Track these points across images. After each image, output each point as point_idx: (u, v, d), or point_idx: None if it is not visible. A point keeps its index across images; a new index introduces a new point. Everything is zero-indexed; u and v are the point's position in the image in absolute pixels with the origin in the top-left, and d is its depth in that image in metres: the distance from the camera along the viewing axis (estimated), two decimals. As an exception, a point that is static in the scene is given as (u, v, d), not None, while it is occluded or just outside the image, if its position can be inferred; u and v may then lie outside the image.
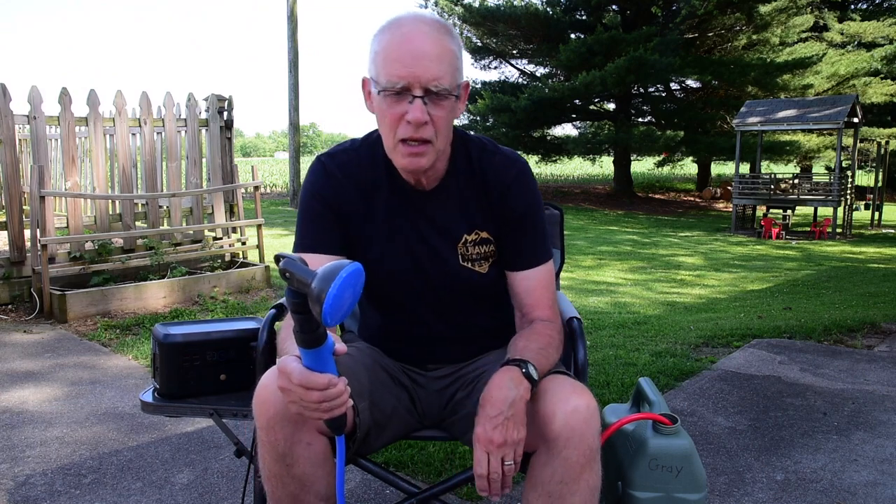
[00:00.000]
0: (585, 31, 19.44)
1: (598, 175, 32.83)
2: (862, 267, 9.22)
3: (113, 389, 3.26)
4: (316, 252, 1.42)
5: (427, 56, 1.28)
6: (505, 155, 1.49)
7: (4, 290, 4.84)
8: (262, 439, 1.27)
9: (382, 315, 1.58)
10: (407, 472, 2.31)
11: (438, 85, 1.29)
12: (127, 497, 2.20)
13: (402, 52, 1.28)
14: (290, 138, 16.01)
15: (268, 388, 1.25)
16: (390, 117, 1.31)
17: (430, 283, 1.48)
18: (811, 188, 15.15)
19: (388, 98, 1.30)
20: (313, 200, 1.45)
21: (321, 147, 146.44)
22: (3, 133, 4.72)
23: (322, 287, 0.97)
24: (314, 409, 1.10)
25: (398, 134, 1.32)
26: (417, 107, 1.28)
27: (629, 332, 4.57)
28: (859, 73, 19.83)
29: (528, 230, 1.47)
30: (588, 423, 1.22)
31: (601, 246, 11.08)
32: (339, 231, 1.45)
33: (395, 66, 1.28)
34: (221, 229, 6.02)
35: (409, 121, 1.29)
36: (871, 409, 2.91)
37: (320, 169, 1.47)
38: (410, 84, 1.28)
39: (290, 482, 1.29)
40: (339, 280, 0.98)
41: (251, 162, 21.98)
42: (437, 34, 1.31)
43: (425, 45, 1.28)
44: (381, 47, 1.31)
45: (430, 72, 1.28)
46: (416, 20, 1.32)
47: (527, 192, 1.47)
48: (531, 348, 1.34)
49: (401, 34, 1.29)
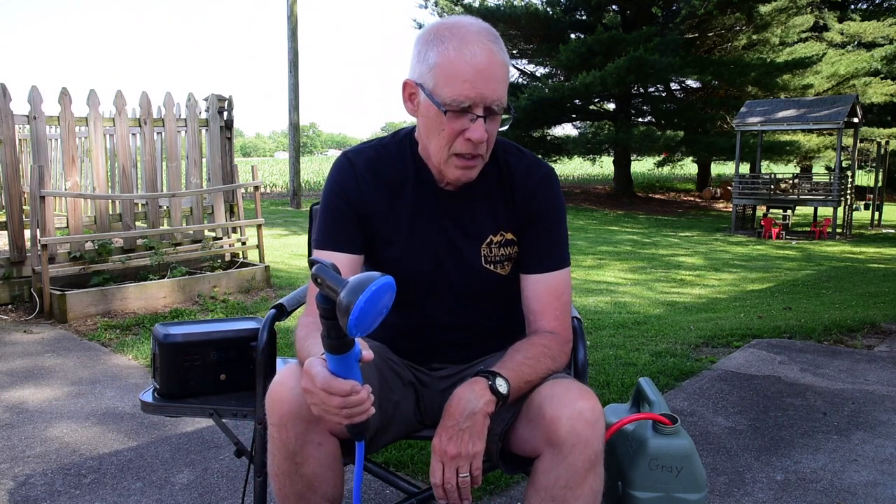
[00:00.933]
0: (585, 31, 19.46)
1: (598, 175, 32.84)
2: (862, 267, 9.22)
3: (113, 389, 3.26)
4: (335, 249, 1.42)
5: (494, 78, 1.28)
6: (533, 158, 1.50)
7: (4, 290, 4.84)
8: (273, 436, 1.27)
9: (395, 313, 1.56)
10: (407, 472, 2.31)
11: (500, 104, 1.30)
12: (127, 497, 2.20)
13: (471, 73, 1.27)
14: (290, 138, 16.02)
15: (284, 386, 1.25)
16: (449, 131, 1.32)
17: (449, 283, 1.48)
18: (811, 188, 15.15)
19: (449, 113, 1.30)
20: (336, 197, 1.44)
21: (321, 147, 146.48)
22: (3, 133, 4.72)
23: (350, 299, 0.97)
24: (335, 414, 1.10)
25: (454, 148, 1.33)
26: (480, 126, 1.30)
27: (629, 332, 4.57)
28: (859, 73, 19.83)
29: (544, 233, 1.46)
30: (594, 428, 1.21)
31: (601, 246, 11.08)
32: (360, 229, 1.44)
33: (464, 86, 1.27)
34: (221, 229, 6.02)
35: (469, 138, 1.30)
36: (871, 409, 2.91)
37: (346, 165, 1.46)
38: (476, 104, 1.28)
39: (298, 481, 1.29)
40: (368, 293, 0.97)
41: (251, 162, 21.98)
42: (500, 51, 1.31)
43: (492, 67, 1.28)
44: (443, 60, 1.28)
45: (497, 93, 1.29)
46: (479, 35, 1.29)
47: (550, 196, 1.47)
48: (516, 359, 1.33)
49: (469, 53, 1.27)
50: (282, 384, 1.26)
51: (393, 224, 1.45)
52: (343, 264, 1.38)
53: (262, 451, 1.59)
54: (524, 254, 1.47)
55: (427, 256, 1.46)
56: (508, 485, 2.22)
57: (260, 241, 5.98)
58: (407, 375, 1.54)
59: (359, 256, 1.45)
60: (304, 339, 1.33)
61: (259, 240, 5.98)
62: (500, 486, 2.21)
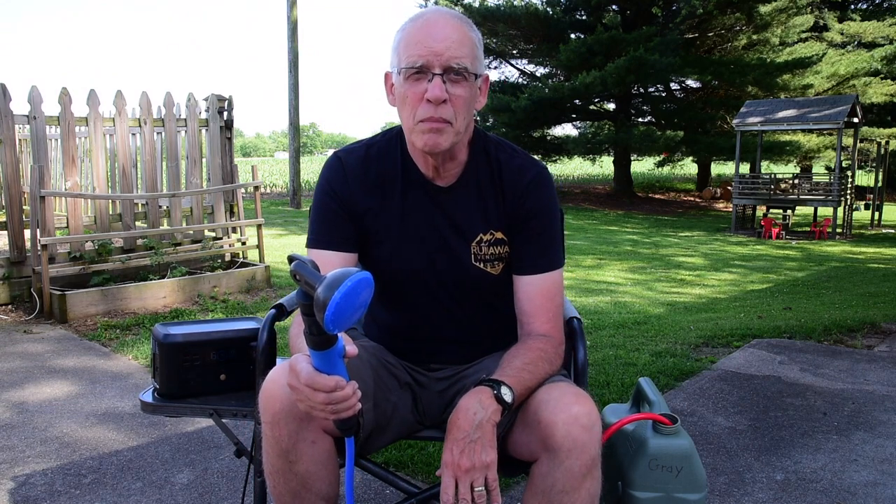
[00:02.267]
0: (585, 31, 19.44)
1: (598, 175, 32.83)
2: (862, 267, 9.22)
3: (113, 389, 3.26)
4: (328, 249, 1.42)
5: (448, 38, 1.30)
6: (526, 157, 1.48)
7: (4, 290, 4.84)
8: (267, 434, 1.27)
9: (390, 313, 1.57)
10: (407, 472, 2.31)
11: (459, 63, 1.30)
12: (127, 497, 2.20)
13: (423, 35, 1.31)
14: (290, 138, 16.02)
15: (276, 383, 1.25)
16: (411, 97, 1.32)
17: (441, 281, 1.47)
18: (811, 188, 15.14)
19: (408, 79, 1.31)
20: (327, 197, 1.45)
21: (321, 147, 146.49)
22: (3, 133, 4.72)
23: (327, 294, 0.96)
24: (321, 410, 1.09)
25: (418, 114, 1.32)
26: (437, 84, 1.29)
27: (629, 332, 4.56)
28: (859, 73, 19.82)
29: (536, 233, 1.44)
30: (590, 432, 1.20)
31: (601, 246, 11.07)
32: (352, 228, 1.44)
33: (417, 47, 1.30)
34: (221, 229, 6.02)
35: (428, 99, 1.30)
36: (871, 409, 2.91)
37: (336, 165, 1.47)
38: (430, 62, 1.29)
39: (292, 479, 1.28)
40: (344, 288, 0.96)
41: (251, 162, 21.97)
42: (458, 22, 1.34)
43: (446, 29, 1.31)
44: (402, 35, 1.34)
45: (451, 51, 1.30)
46: (438, 11, 1.36)
47: (542, 196, 1.45)
48: (515, 365, 1.31)
49: (423, 21, 1.33)
50: (274, 382, 1.25)
51: (384, 222, 1.45)
52: (336, 263, 1.37)
53: (262, 451, 1.59)
54: (516, 254, 1.46)
55: (419, 254, 1.45)
56: (508, 485, 2.22)
57: (260, 241, 5.98)
58: (404, 377, 1.53)
59: (352, 255, 1.45)
60: (297, 336, 1.32)
61: (259, 240, 5.98)
62: (500, 487, 2.21)
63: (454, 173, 1.44)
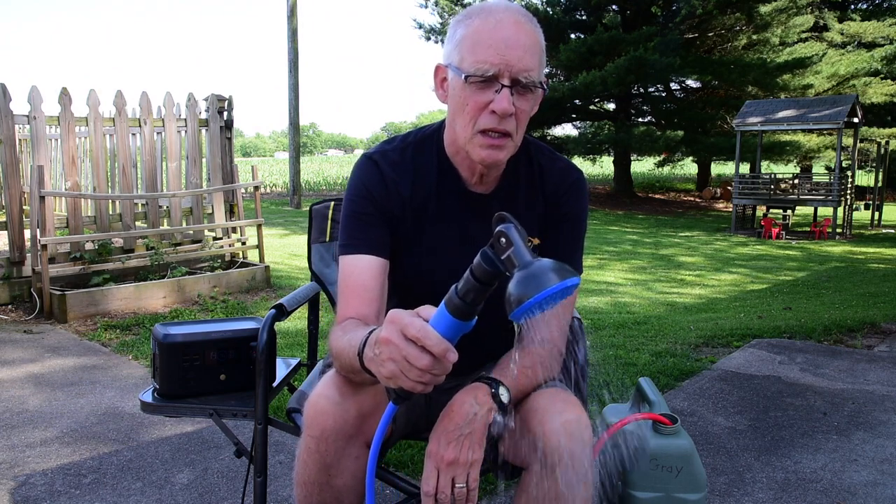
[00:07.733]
0: (585, 31, 19.45)
1: (598, 175, 32.82)
2: (862, 267, 9.22)
3: (113, 389, 3.26)
4: (365, 253, 1.35)
5: (521, 45, 1.21)
6: (566, 162, 1.45)
7: (4, 290, 4.84)
8: (311, 447, 1.22)
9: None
10: (407, 473, 2.31)
11: (528, 77, 1.21)
12: (127, 497, 2.19)
13: (495, 39, 1.20)
14: (290, 138, 16.02)
15: (328, 399, 1.21)
16: (473, 105, 1.23)
17: None
18: (811, 188, 15.16)
19: (473, 85, 1.22)
20: (364, 200, 1.37)
21: (321, 147, 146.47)
22: (3, 133, 4.72)
23: (541, 283, 0.90)
24: (413, 374, 0.96)
25: (479, 124, 1.24)
26: (505, 96, 1.20)
27: (629, 332, 4.56)
28: (859, 73, 19.82)
29: (565, 237, 1.41)
30: (581, 439, 1.18)
31: (601, 246, 11.08)
32: (387, 233, 1.38)
33: (488, 51, 1.20)
34: (221, 229, 6.02)
35: (494, 111, 1.21)
36: (871, 409, 2.91)
37: (371, 167, 1.39)
38: (500, 72, 1.20)
39: (328, 492, 1.25)
40: (548, 292, 0.90)
41: (251, 162, 21.97)
42: (530, 24, 1.25)
43: (520, 35, 1.21)
44: (469, 31, 1.23)
45: (523, 62, 1.20)
46: (509, 9, 1.24)
47: (581, 200, 1.43)
48: (514, 368, 1.28)
49: (494, 20, 1.22)
50: (326, 397, 1.21)
51: (419, 226, 1.39)
52: (372, 269, 1.32)
53: (262, 451, 1.59)
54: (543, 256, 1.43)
55: (449, 262, 1.37)
56: (508, 484, 2.22)
57: (260, 241, 5.98)
58: None
59: (387, 261, 1.38)
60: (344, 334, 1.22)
61: (259, 240, 5.98)
62: (501, 488, 2.21)
63: (494, 178, 1.39)
